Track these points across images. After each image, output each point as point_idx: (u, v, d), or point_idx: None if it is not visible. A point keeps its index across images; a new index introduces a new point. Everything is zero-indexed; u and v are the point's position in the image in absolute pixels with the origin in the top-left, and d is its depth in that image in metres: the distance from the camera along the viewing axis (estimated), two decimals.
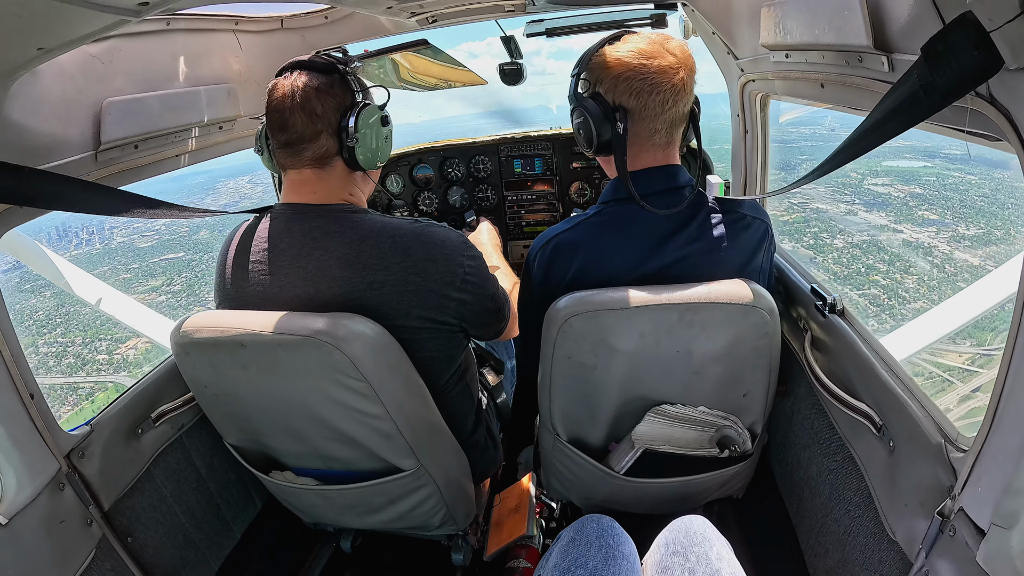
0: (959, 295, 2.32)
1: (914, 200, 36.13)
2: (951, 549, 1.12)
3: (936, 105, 0.97)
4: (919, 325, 2.36)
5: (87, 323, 29.61)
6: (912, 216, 34.21)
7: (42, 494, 1.51)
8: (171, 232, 37.79)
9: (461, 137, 3.36)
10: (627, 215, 1.57)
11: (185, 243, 36.97)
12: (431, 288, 1.51)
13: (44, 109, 1.46)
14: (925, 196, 36.51)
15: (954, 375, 19.90)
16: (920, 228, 33.04)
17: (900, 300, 26.39)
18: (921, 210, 35.06)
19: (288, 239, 1.52)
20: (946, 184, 36.57)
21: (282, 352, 1.41)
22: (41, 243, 2.56)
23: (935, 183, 37.34)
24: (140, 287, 33.51)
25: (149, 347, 27.15)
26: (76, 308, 29.54)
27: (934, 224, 33.52)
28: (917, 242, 32.02)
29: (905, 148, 38.83)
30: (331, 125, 1.51)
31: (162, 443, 1.91)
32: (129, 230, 38.62)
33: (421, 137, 3.79)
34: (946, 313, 2.33)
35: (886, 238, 32.18)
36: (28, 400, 1.48)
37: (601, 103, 1.51)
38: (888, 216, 34.29)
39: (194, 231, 37.28)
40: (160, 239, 37.31)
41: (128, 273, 34.73)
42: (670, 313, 1.45)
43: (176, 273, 34.19)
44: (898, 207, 35.42)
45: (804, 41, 1.55)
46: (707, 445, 1.68)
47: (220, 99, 2.04)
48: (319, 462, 1.70)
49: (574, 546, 1.40)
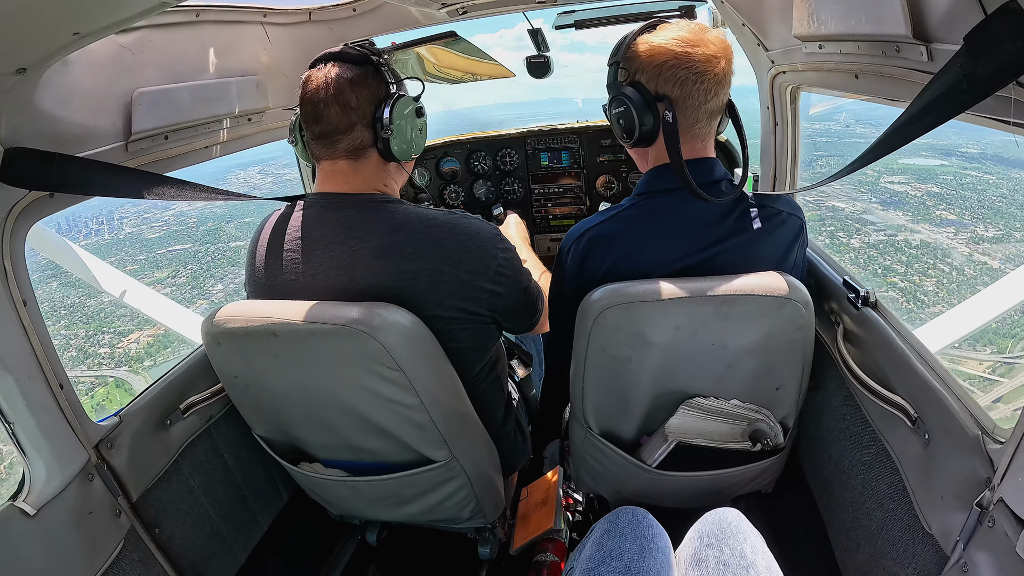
0: (992, 287, 2.29)
1: (931, 199, 35.42)
2: (990, 540, 1.11)
3: (979, 94, 0.96)
4: (953, 317, 2.33)
5: (91, 315, 29.72)
6: (930, 216, 33.55)
7: (71, 485, 1.52)
8: (179, 222, 37.81)
9: (488, 130, 3.36)
10: (664, 208, 1.56)
11: (192, 234, 36.94)
12: (464, 279, 1.51)
13: (75, 100, 1.47)
14: (943, 195, 35.83)
15: (988, 367, 19.63)
16: (938, 228, 32.38)
17: (919, 304, 25.80)
18: (939, 210, 34.37)
19: (322, 228, 1.51)
20: (963, 183, 35.95)
21: (315, 341, 1.41)
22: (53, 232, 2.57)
23: (952, 182, 36.68)
24: (145, 279, 33.55)
25: (151, 341, 27.20)
26: (80, 300, 29.67)
27: (952, 224, 32.86)
28: (935, 243, 31.35)
29: (922, 146, 38.25)
30: (366, 117, 1.51)
31: (190, 434, 1.92)
32: (138, 220, 38.68)
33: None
34: (980, 305, 2.31)
35: (904, 238, 31.56)
36: (58, 390, 1.49)
37: (643, 92, 1.49)
38: (905, 215, 33.68)
39: (202, 221, 37.31)
40: (168, 229, 37.33)
41: (135, 264, 34.68)
42: (706, 306, 1.44)
43: (182, 265, 33.96)
44: (915, 206, 34.73)
45: (839, 31, 1.53)
46: (739, 439, 1.67)
47: (249, 91, 2.04)
48: (349, 453, 1.70)
49: (609, 538, 1.40)
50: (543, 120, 3.39)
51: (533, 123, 3.34)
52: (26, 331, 1.41)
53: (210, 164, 1.97)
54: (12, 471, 9.49)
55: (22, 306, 1.40)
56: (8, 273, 1.37)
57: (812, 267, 1.96)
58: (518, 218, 2.73)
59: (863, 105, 1.96)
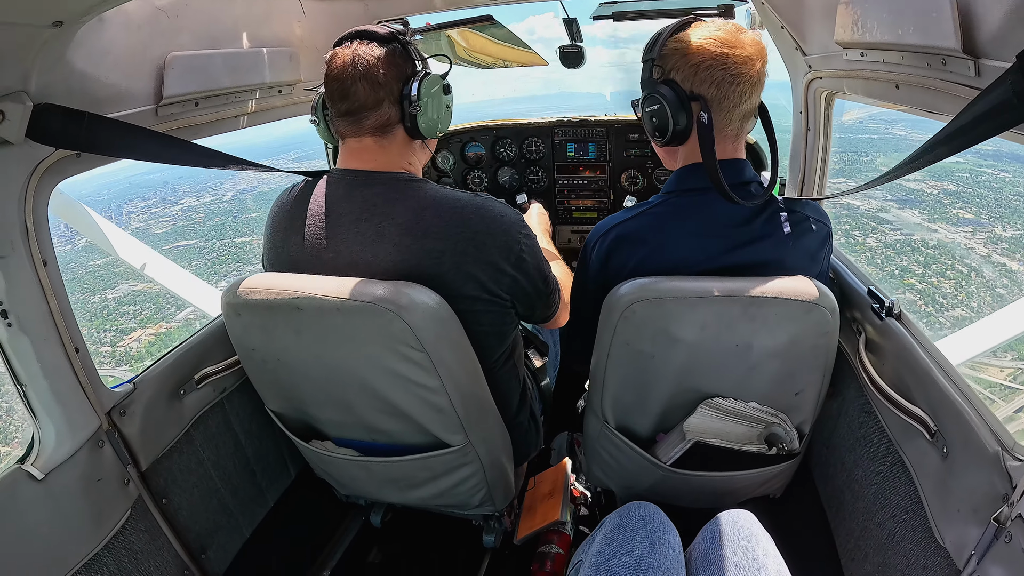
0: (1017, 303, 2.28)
1: (948, 197, 34.98)
2: (1006, 556, 1.11)
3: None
4: (976, 331, 2.32)
5: (95, 312, 29.62)
6: (946, 215, 33.14)
7: (81, 450, 1.51)
8: (187, 218, 37.86)
9: (516, 118, 3.34)
10: (693, 207, 1.55)
11: (199, 230, 36.99)
12: (487, 260, 1.50)
13: (108, 60, 1.46)
14: (959, 193, 35.37)
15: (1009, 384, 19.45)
16: (955, 228, 31.94)
17: (938, 307, 25.34)
18: (956, 208, 33.95)
19: (348, 204, 1.50)
20: (979, 181, 35.45)
21: (340, 318, 1.40)
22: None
23: (968, 179, 36.15)
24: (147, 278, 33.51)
25: (152, 340, 27.11)
26: (85, 296, 29.59)
27: (970, 224, 32.46)
28: (953, 243, 30.87)
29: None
30: (393, 93, 1.50)
31: (203, 406, 1.92)
32: (146, 215, 38.76)
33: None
34: (1004, 320, 2.29)
35: (920, 238, 31.10)
36: (73, 354, 1.49)
37: (677, 91, 1.47)
38: (922, 214, 33.22)
39: (209, 216, 37.35)
40: (175, 224, 37.40)
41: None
42: (733, 306, 1.43)
43: (187, 261, 33.95)
44: (932, 204, 34.29)
45: (884, 40, 1.51)
46: (755, 441, 1.66)
47: (282, 62, 2.03)
48: (363, 433, 1.70)
49: (620, 532, 1.40)
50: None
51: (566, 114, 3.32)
52: (44, 292, 1.40)
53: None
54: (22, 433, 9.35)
55: (42, 266, 1.39)
56: (30, 231, 1.36)
57: (837, 275, 1.95)
58: (541, 208, 2.71)
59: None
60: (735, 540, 1.39)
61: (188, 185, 47.19)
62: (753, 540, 1.38)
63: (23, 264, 1.35)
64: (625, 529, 1.40)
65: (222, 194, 15.25)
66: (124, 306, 29.89)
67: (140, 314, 29.79)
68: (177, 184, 47.89)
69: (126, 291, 30.12)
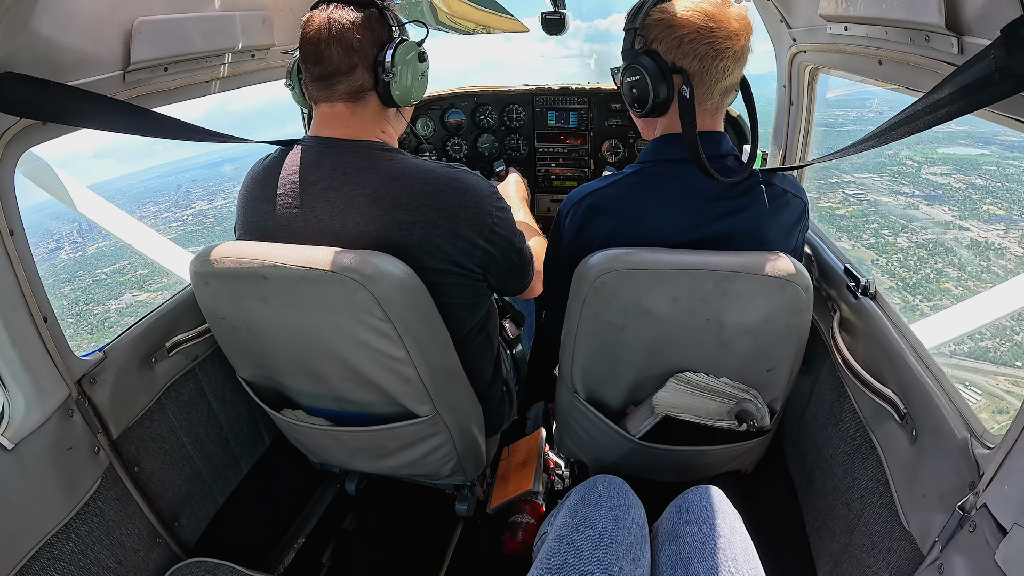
0: (995, 288, 2.28)
1: (977, 192, 34.12)
2: (969, 545, 1.10)
3: (1011, 89, 0.93)
4: (952, 315, 2.32)
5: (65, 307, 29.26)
6: (977, 211, 32.18)
7: (51, 420, 1.51)
8: (197, 222, 37.32)
9: (496, 85, 3.29)
10: (669, 178, 1.53)
11: (208, 235, 36.32)
12: (459, 233, 1.48)
13: (74, 25, 1.41)
14: (988, 188, 34.42)
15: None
16: (988, 225, 30.91)
17: None
18: (986, 204, 33.03)
19: (318, 172, 1.48)
20: (1007, 175, 34.33)
21: (305, 287, 1.38)
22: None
23: (995, 172, 35.20)
24: (154, 284, 32.66)
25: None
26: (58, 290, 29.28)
27: (1002, 220, 31.44)
28: (987, 242, 29.81)
29: (960, 134, 36.57)
30: (367, 59, 1.47)
31: (175, 373, 1.91)
32: (158, 220, 38.20)
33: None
34: (980, 306, 2.30)
35: (953, 236, 30.02)
36: (41, 323, 1.47)
37: (659, 62, 1.44)
38: (952, 211, 32.21)
39: (219, 221, 37.03)
40: (185, 230, 36.62)
41: (146, 268, 34.01)
42: (706, 280, 1.42)
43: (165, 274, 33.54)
44: (961, 200, 33.34)
45: (868, 14, 1.48)
46: (726, 417, 1.66)
47: (255, 26, 1.97)
48: (333, 403, 1.69)
49: (584, 505, 1.40)
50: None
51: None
52: (11, 261, 1.38)
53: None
54: None
55: (8, 236, 1.37)
56: None
57: (814, 251, 1.94)
58: (519, 176, 2.68)
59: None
60: (702, 516, 1.39)
61: (200, 188, 46.82)
62: (720, 517, 1.38)
63: None
64: (589, 503, 1.40)
65: (233, 197, 15.27)
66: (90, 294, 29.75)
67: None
68: (190, 187, 47.66)
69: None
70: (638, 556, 1.29)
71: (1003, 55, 0.91)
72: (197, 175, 46.54)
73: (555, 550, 1.29)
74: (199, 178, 50.44)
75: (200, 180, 51.87)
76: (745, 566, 1.26)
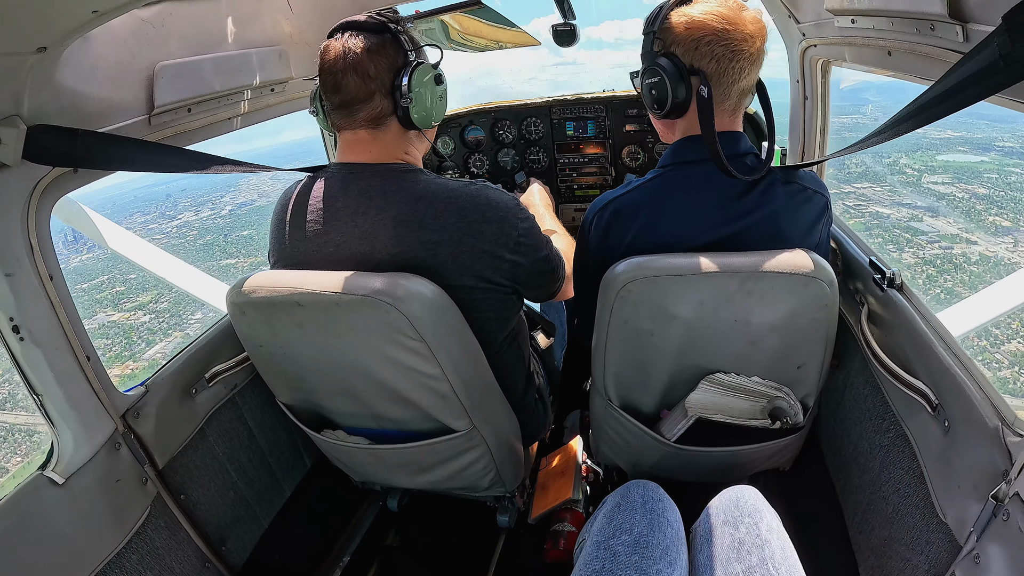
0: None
1: (980, 202, 33.11)
2: (1004, 534, 1.10)
3: (1016, 75, 0.93)
4: (979, 301, 2.29)
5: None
6: (983, 223, 31.23)
7: (99, 454, 1.56)
8: (180, 235, 37.67)
9: (513, 99, 3.33)
10: (689, 179, 1.55)
11: (188, 249, 36.77)
12: (485, 249, 1.51)
13: (97, 74, 1.48)
14: (991, 197, 33.48)
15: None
16: (995, 238, 29.95)
17: (992, 339, 22.98)
18: (991, 215, 32.02)
19: (344, 198, 1.52)
20: (1009, 183, 33.59)
21: (339, 311, 1.42)
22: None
23: (997, 181, 34.39)
24: (128, 303, 33.30)
25: (148, 366, 27.07)
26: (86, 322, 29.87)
27: (1009, 233, 30.54)
28: (996, 256, 28.72)
29: (957, 140, 35.71)
30: (384, 85, 1.50)
31: (215, 403, 1.96)
32: (143, 231, 38.61)
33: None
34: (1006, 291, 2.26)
35: (961, 251, 29.09)
36: (84, 362, 1.54)
37: (677, 64, 1.47)
38: (956, 223, 31.26)
39: (202, 234, 37.35)
40: (167, 242, 37.02)
41: (123, 285, 35.04)
42: (730, 281, 1.43)
43: (167, 288, 33.63)
44: (965, 211, 32.40)
45: (872, 6, 1.49)
46: (759, 416, 1.66)
47: (271, 61, 2.03)
48: (372, 421, 1.73)
49: (619, 511, 1.41)
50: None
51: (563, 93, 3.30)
52: (53, 305, 1.45)
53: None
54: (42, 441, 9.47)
55: (48, 280, 1.44)
56: (35, 249, 1.40)
57: (839, 245, 1.94)
58: (541, 185, 2.71)
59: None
60: (739, 517, 1.39)
61: (189, 198, 47.38)
62: (758, 516, 1.38)
63: (30, 280, 1.40)
64: (624, 508, 1.41)
65: (220, 208, 15.17)
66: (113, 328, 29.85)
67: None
68: (179, 197, 48.17)
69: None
70: (675, 559, 1.30)
71: (1006, 42, 0.91)
72: (187, 184, 46.62)
73: (593, 556, 1.31)
74: (188, 187, 51.55)
75: (189, 189, 52.86)
76: (783, 564, 1.26)
